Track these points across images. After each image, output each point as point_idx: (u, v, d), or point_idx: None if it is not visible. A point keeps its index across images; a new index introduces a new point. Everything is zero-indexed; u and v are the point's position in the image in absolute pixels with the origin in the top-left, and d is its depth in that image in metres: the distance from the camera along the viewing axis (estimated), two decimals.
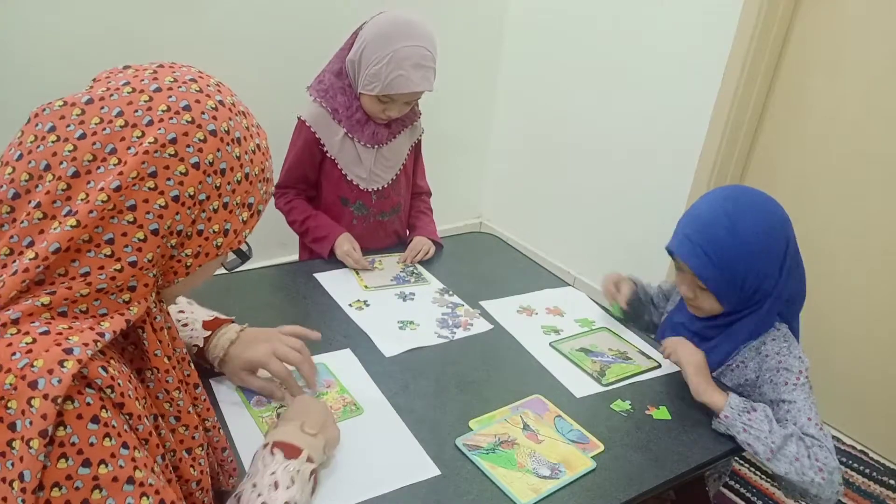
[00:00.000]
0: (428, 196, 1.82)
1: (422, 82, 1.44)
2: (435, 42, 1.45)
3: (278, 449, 0.80)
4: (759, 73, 1.94)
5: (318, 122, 1.53)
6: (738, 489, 1.75)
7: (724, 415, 1.07)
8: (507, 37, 2.78)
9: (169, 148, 0.59)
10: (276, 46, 2.21)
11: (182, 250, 0.64)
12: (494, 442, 0.99)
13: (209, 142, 0.62)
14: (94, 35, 1.87)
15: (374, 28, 1.43)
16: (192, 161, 0.61)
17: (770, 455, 1.03)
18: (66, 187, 0.58)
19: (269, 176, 0.71)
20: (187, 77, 0.64)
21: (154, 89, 0.61)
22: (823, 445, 1.05)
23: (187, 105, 0.61)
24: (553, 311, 1.44)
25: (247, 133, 0.67)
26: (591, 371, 1.22)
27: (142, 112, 0.60)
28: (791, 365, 1.16)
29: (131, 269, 0.59)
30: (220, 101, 0.64)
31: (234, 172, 0.65)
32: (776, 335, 1.21)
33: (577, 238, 2.69)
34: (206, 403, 0.76)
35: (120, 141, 0.59)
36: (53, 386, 0.51)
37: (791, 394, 1.12)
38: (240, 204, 0.67)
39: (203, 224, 0.64)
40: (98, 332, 0.57)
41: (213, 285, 1.38)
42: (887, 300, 1.84)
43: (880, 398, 1.90)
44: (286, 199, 1.63)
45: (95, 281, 0.58)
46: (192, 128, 0.61)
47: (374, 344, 1.23)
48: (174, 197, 0.60)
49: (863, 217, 1.86)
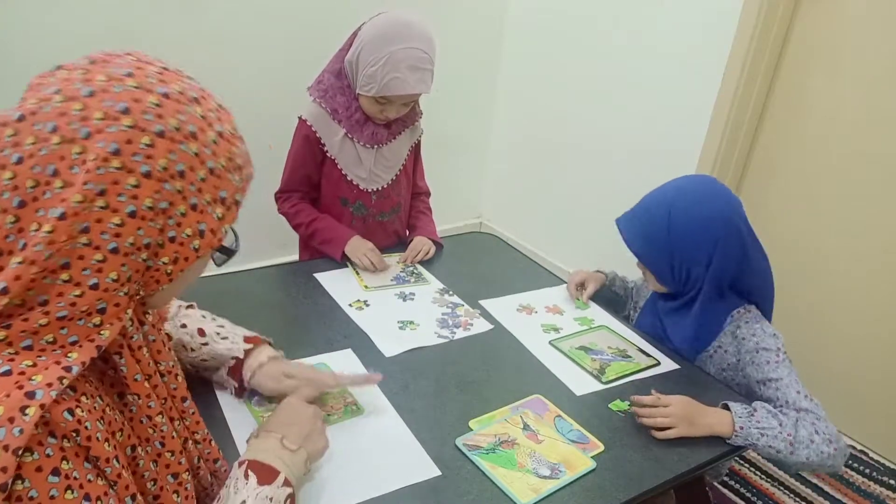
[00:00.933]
0: (427, 196, 1.81)
1: (417, 85, 1.43)
2: (433, 44, 1.44)
3: (252, 472, 0.75)
4: (759, 73, 1.94)
5: (319, 122, 1.53)
6: (738, 489, 1.75)
7: (738, 426, 1.06)
8: (507, 37, 2.78)
9: (113, 161, 0.53)
10: (276, 46, 2.21)
11: (157, 260, 0.59)
12: (494, 442, 1.00)
13: (158, 145, 0.55)
14: (94, 35, 1.87)
15: (372, 29, 1.42)
16: (142, 171, 0.54)
17: (791, 448, 1.05)
18: (14, 220, 0.52)
19: (240, 163, 0.64)
20: (122, 72, 0.56)
21: (86, 94, 0.54)
22: (821, 416, 1.09)
23: (125, 108, 0.54)
24: (552, 309, 1.44)
25: (203, 123, 0.59)
26: (591, 369, 1.23)
27: (77, 124, 0.53)
28: (769, 344, 1.20)
29: (94, 293, 0.55)
30: (163, 95, 0.57)
31: (196, 171, 0.58)
32: (748, 317, 1.26)
33: (577, 238, 2.68)
34: (194, 417, 0.74)
35: (60, 161, 0.52)
36: (14, 436, 0.48)
37: (775, 371, 1.16)
38: (210, 201, 0.61)
39: (174, 231, 0.59)
40: (64, 366, 0.53)
41: (213, 285, 1.38)
42: (887, 300, 1.84)
43: (880, 398, 1.90)
44: (290, 202, 1.62)
45: (54, 309, 0.53)
46: (135, 133, 0.54)
47: (375, 344, 1.23)
48: (130, 213, 0.55)
49: (863, 217, 1.86)
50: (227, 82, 2.16)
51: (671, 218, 1.21)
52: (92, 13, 1.87)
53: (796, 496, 1.75)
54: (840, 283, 1.94)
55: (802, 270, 2.01)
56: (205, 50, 2.07)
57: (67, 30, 1.85)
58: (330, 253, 1.54)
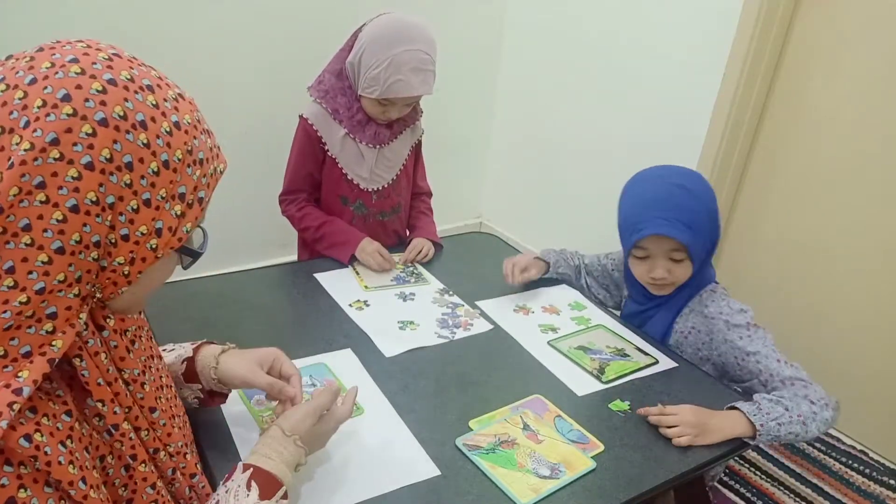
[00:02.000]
0: (428, 196, 1.82)
1: (421, 86, 1.44)
2: (434, 45, 1.45)
3: (256, 483, 0.73)
4: (759, 73, 1.94)
5: (319, 121, 1.53)
6: (738, 489, 1.75)
7: (759, 425, 1.06)
8: (507, 37, 2.78)
9: (52, 151, 0.50)
10: (277, 46, 2.21)
11: (112, 259, 0.56)
12: (494, 442, 1.00)
13: (100, 134, 0.52)
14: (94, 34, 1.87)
15: (374, 31, 1.42)
16: (83, 161, 0.51)
17: (804, 427, 1.07)
18: None
19: (200, 157, 0.60)
20: (67, 58, 0.53)
21: (29, 82, 0.51)
22: (807, 382, 1.13)
23: (66, 95, 0.51)
24: (549, 309, 1.44)
25: (154, 112, 0.55)
26: (591, 369, 1.23)
27: (17, 113, 0.50)
28: (738, 320, 1.24)
29: (40, 297, 0.51)
30: (109, 81, 0.53)
31: (146, 163, 0.54)
32: (713, 296, 1.30)
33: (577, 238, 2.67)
34: (165, 428, 0.69)
35: (0, 151, 0.50)
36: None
37: (751, 345, 1.20)
38: (166, 197, 0.57)
39: (126, 228, 0.55)
40: (14, 388, 0.50)
41: (213, 285, 1.39)
42: (887, 300, 1.84)
43: (880, 398, 1.90)
44: (297, 205, 1.61)
45: (1, 321, 0.50)
46: (75, 121, 0.51)
47: (375, 344, 1.23)
48: (72, 207, 0.51)
49: (863, 217, 1.86)
50: (227, 82, 2.18)
51: (697, 194, 1.24)
52: (92, 13, 1.87)
53: (796, 496, 1.74)
54: (840, 283, 1.94)
55: (802, 270, 2.01)
56: (205, 50, 2.07)
57: (67, 30, 1.85)
58: (337, 257, 1.54)
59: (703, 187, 1.27)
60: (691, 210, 1.22)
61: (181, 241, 0.61)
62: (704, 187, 1.27)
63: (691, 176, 1.28)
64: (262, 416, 1.00)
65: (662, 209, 1.23)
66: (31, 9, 1.80)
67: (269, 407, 1.01)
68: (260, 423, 0.98)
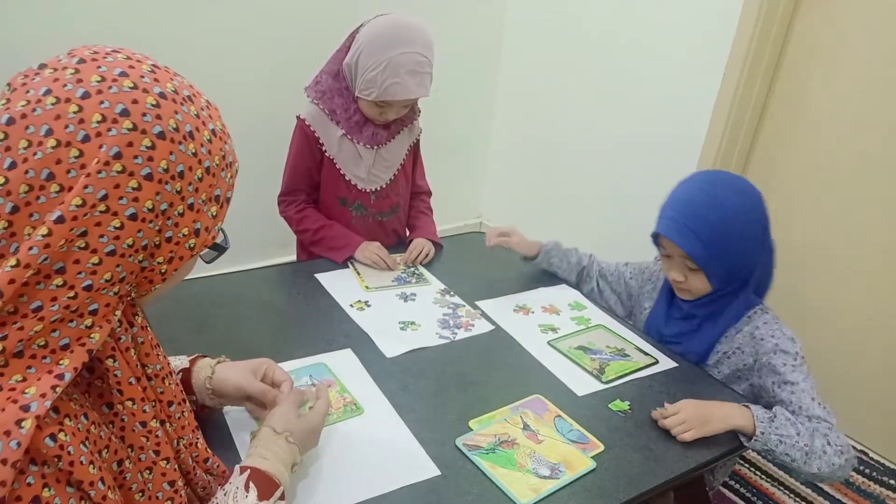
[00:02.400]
0: (428, 196, 1.81)
1: (417, 89, 1.43)
2: (432, 46, 1.44)
3: (254, 484, 0.75)
4: (759, 73, 1.94)
5: (316, 122, 1.53)
6: (738, 489, 1.75)
7: (759, 432, 1.05)
8: (507, 37, 2.78)
9: (115, 165, 0.53)
10: (277, 46, 2.21)
11: (153, 260, 0.59)
12: (494, 442, 1.00)
13: (159, 147, 0.55)
14: (94, 34, 1.87)
15: (371, 32, 1.42)
16: (143, 173, 0.54)
17: (805, 458, 1.04)
18: (6, 225, 0.51)
19: (230, 160, 0.65)
20: (116, 72, 0.55)
21: (81, 95, 0.53)
22: (832, 426, 1.08)
23: (124, 109, 0.54)
24: (549, 309, 1.44)
25: (198, 122, 0.59)
26: (591, 369, 1.23)
27: (73, 126, 0.52)
28: (787, 347, 1.18)
29: (86, 293, 0.54)
30: (160, 95, 0.56)
31: (194, 171, 0.59)
32: (766, 318, 1.24)
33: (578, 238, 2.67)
34: (180, 422, 0.72)
35: (56, 164, 0.51)
36: (12, 450, 0.48)
37: (792, 375, 1.15)
38: (206, 200, 0.61)
39: (171, 231, 0.59)
40: (56, 374, 0.52)
41: (213, 285, 1.39)
42: (887, 300, 1.84)
43: (880, 398, 1.90)
44: (296, 206, 1.60)
45: (48, 314, 0.52)
46: (135, 136, 0.54)
47: (375, 344, 1.23)
48: (130, 215, 0.54)
49: (863, 217, 1.86)
50: (227, 83, 2.17)
51: (721, 208, 1.16)
52: (92, 13, 1.87)
53: (796, 496, 1.75)
54: (840, 283, 1.94)
55: (802, 270, 2.01)
56: (205, 50, 2.07)
57: (67, 29, 1.85)
58: (333, 258, 1.54)
59: (738, 203, 1.17)
60: (708, 223, 1.16)
61: (214, 239, 0.65)
62: (740, 204, 1.17)
63: (734, 189, 1.19)
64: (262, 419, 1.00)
65: (680, 212, 1.20)
66: (31, 9, 1.80)
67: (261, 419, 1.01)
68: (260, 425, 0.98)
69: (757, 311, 1.25)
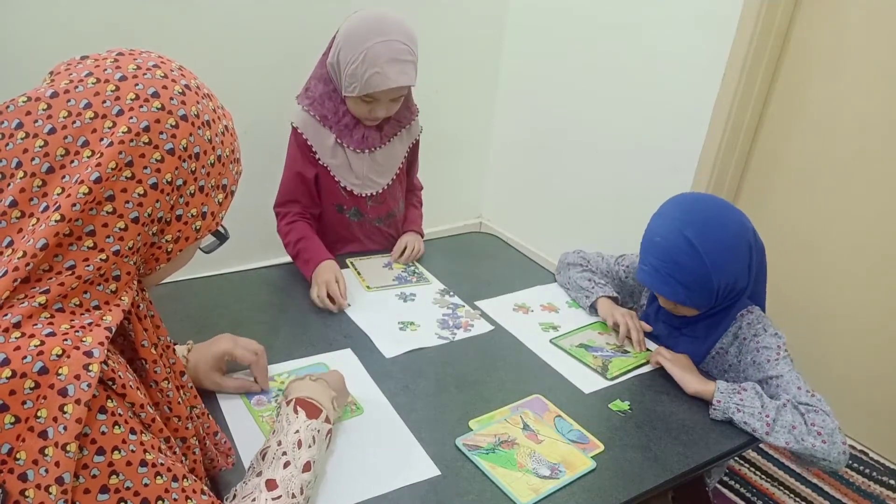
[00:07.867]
0: (419, 190, 1.78)
1: (399, 77, 1.38)
2: (411, 35, 1.40)
3: (301, 408, 0.85)
4: (759, 73, 1.94)
5: (309, 130, 1.49)
6: (737, 489, 1.75)
7: (715, 400, 1.11)
8: (508, 36, 2.78)
9: (143, 136, 0.60)
10: (277, 46, 2.21)
11: (162, 237, 0.65)
12: (494, 442, 1.00)
13: (181, 127, 0.62)
14: (94, 34, 1.87)
15: (348, 27, 1.39)
16: (166, 147, 0.61)
17: (767, 429, 1.06)
18: (41, 184, 0.57)
19: (238, 157, 0.73)
20: (149, 63, 0.64)
21: (119, 78, 0.61)
22: (819, 409, 1.08)
23: (155, 92, 0.61)
24: (548, 307, 1.44)
25: (214, 115, 0.67)
26: (595, 366, 1.23)
27: (110, 102, 0.60)
28: (769, 343, 1.20)
29: (115, 258, 0.60)
30: (185, 86, 0.64)
31: (208, 155, 0.65)
32: (750, 318, 1.26)
33: (578, 238, 2.68)
34: (192, 391, 0.78)
35: (91, 133, 0.59)
36: (84, 391, 0.53)
37: (775, 368, 1.16)
38: (215, 186, 0.68)
39: (181, 209, 0.65)
40: (105, 326, 0.58)
41: (213, 285, 1.39)
42: (887, 300, 1.84)
43: (880, 398, 1.90)
44: (287, 219, 1.53)
45: (83, 273, 0.58)
46: (163, 114, 0.61)
47: (375, 345, 1.23)
48: (152, 184, 0.61)
49: (863, 217, 1.86)
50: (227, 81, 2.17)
51: (702, 254, 1.15)
52: (92, 13, 1.87)
53: (796, 496, 1.75)
54: (840, 283, 1.94)
55: (802, 270, 2.01)
56: (204, 49, 2.07)
57: (67, 29, 1.85)
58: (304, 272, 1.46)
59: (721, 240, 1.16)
60: (692, 271, 1.16)
61: (217, 226, 0.71)
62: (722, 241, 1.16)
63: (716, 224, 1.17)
64: (262, 417, 1.00)
65: (662, 260, 1.19)
66: (31, 9, 1.80)
67: (270, 407, 1.02)
68: (260, 423, 0.99)
69: (744, 312, 1.27)
